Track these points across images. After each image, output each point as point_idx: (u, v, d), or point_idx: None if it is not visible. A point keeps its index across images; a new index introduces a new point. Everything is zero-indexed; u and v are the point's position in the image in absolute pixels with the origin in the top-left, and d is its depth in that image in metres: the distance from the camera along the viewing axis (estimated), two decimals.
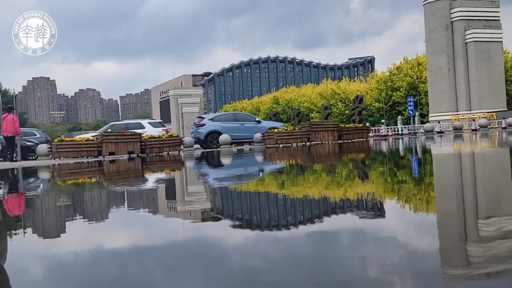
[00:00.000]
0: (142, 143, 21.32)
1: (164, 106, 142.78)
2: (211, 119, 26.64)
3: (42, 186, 8.84)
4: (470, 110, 53.32)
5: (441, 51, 54.67)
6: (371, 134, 33.18)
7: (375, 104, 66.80)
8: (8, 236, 3.58)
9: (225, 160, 14.23)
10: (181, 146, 23.00)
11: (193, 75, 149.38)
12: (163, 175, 9.80)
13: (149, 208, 4.93)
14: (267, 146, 24.29)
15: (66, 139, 21.17)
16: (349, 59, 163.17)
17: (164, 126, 27.34)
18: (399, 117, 55.11)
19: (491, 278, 2.01)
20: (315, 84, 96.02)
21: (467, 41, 53.89)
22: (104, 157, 20.11)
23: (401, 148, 15.62)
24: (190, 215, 4.19)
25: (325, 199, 4.69)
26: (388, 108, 65.46)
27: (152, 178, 9.24)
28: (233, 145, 25.87)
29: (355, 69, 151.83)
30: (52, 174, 11.93)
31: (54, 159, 19.83)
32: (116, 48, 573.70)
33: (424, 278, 1.99)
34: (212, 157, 16.40)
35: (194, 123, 28.27)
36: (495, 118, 46.09)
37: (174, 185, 7.68)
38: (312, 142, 24.33)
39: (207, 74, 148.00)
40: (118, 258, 2.68)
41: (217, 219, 3.80)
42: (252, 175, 8.55)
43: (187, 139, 24.34)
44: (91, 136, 22.59)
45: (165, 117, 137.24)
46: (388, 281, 2.01)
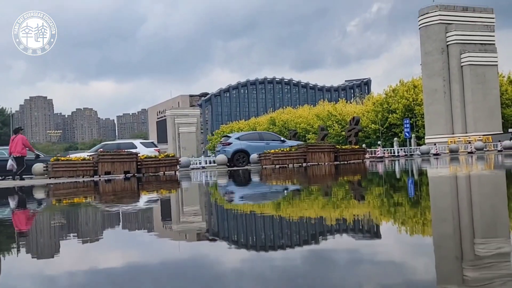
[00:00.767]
0: (138, 163, 21.26)
1: (161, 126, 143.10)
2: (237, 138, 26.86)
3: (34, 207, 8.79)
4: (466, 132, 53.54)
5: (437, 74, 55.10)
6: (367, 156, 33.20)
7: (371, 125, 67.02)
8: None
9: (255, 178, 14.21)
10: (178, 166, 22.95)
11: (190, 96, 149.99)
12: (160, 195, 9.77)
13: (152, 232, 4.90)
14: (264, 166, 24.27)
15: (62, 158, 21.10)
16: (346, 81, 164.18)
17: (156, 146, 27.24)
18: (395, 139, 55.26)
19: None
20: (311, 106, 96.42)
21: (462, 64, 54.37)
22: (100, 176, 20.04)
23: (397, 170, 15.63)
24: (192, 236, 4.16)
25: (321, 220, 4.68)
26: (384, 130, 65.68)
27: (149, 198, 9.20)
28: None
29: (352, 90, 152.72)
30: (47, 194, 11.86)
31: (50, 178, 19.74)
32: (114, 68, 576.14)
33: None
34: (242, 175, 16.36)
35: (220, 142, 28.45)
36: (491, 141, 46.24)
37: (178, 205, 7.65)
38: (309, 163, 24.32)
39: (204, 94, 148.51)
40: None
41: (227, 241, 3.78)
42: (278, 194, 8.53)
43: (183, 159, 24.32)
44: (87, 156, 22.53)
45: (162, 137, 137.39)
46: None
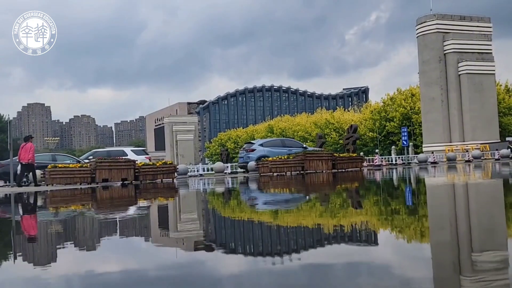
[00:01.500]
0: (136, 170, 21.23)
1: (159, 133, 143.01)
2: (261, 145, 27.17)
3: (30, 213, 8.76)
4: (464, 141, 53.62)
5: (434, 83, 55.26)
6: (365, 164, 33.19)
7: (369, 134, 67.10)
8: None
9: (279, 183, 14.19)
10: (175, 174, 22.92)
11: (188, 103, 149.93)
12: (157, 203, 9.74)
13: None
14: (261, 174, 24.25)
15: (60, 165, 21.06)
16: (344, 89, 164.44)
17: (147, 154, 26.99)
18: (393, 147, 55.29)
19: None
20: (309, 114, 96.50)
21: (460, 73, 54.56)
22: (97, 183, 20.00)
23: (395, 179, 15.63)
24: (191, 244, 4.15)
25: (318, 227, 4.67)
26: (382, 138, 65.76)
27: (145, 206, 9.18)
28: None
29: (350, 99, 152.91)
30: (44, 201, 11.83)
31: (47, 185, 19.70)
32: (112, 75, 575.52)
33: None
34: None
35: (243, 148, 28.61)
36: (488, 149, 46.33)
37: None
38: (306, 171, 24.31)
39: (202, 102, 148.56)
40: None
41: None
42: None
43: (181, 167, 24.28)
44: (84, 162, 22.48)
45: (160, 144, 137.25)
46: None
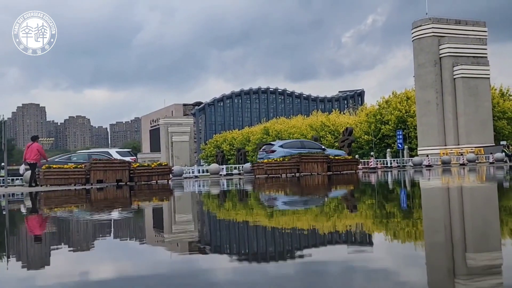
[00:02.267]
0: (131, 171, 21.18)
1: (154, 134, 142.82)
2: (281, 146, 27.34)
3: (20, 214, 8.71)
4: (458, 144, 53.80)
5: (429, 86, 55.44)
6: (360, 166, 33.24)
7: (364, 136, 67.22)
8: None
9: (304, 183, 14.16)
10: (170, 175, 22.88)
11: (184, 105, 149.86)
12: (152, 204, 9.72)
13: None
14: (257, 176, 24.25)
15: (54, 166, 20.98)
16: (339, 91, 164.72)
17: (133, 156, 26.41)
18: (388, 150, 55.41)
19: None
20: (305, 116, 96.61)
21: (455, 77, 54.76)
22: (92, 184, 19.94)
23: (390, 182, 15.65)
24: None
25: (313, 229, 4.66)
26: (377, 141, 65.89)
27: (140, 207, 9.15)
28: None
29: (345, 101, 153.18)
30: (38, 202, 11.78)
31: (41, 186, 19.62)
32: (108, 76, 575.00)
33: None
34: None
35: (263, 149, 28.75)
36: (483, 153, 46.49)
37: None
38: (302, 173, 24.31)
39: (198, 103, 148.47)
40: None
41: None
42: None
43: (176, 168, 24.24)
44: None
45: (155, 145, 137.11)
46: None
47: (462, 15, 54.43)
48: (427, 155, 44.44)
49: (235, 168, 37.55)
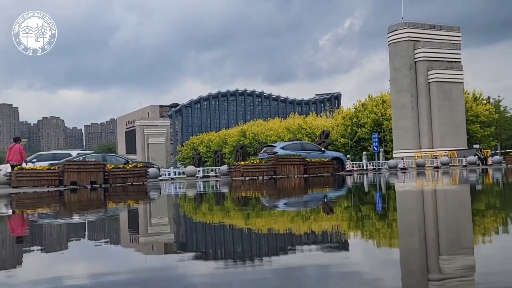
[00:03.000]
0: (106, 173, 20.89)
1: (130, 136, 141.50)
2: (282, 148, 27.67)
3: None
4: (433, 147, 54.56)
5: (405, 90, 56.11)
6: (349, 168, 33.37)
7: (340, 139, 67.72)
8: None
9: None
10: (146, 177, 22.65)
11: (161, 106, 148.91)
12: (126, 206, 9.59)
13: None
14: (233, 178, 24.17)
15: (27, 167, 20.58)
16: (316, 94, 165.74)
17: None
18: (364, 153, 55.88)
19: None
20: (282, 118, 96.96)
21: (429, 81, 55.55)
22: (65, 186, 19.62)
23: (365, 184, 15.76)
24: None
25: (290, 234, 4.64)
26: (354, 143, 66.44)
27: (113, 209, 9.02)
28: None
29: (322, 104, 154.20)
30: (10, 204, 11.53)
31: (13, 187, 19.23)
32: (83, 77, 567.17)
33: None
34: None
35: (264, 150, 29.02)
36: (456, 156, 47.21)
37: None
38: (278, 176, 24.33)
39: (175, 105, 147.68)
40: None
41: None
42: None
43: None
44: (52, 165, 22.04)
45: (131, 147, 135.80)
46: None
47: (437, 20, 55.31)
48: (402, 158, 44.92)
49: (212, 170, 37.43)
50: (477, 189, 11.59)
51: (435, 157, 45.44)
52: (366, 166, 42.25)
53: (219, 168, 32.32)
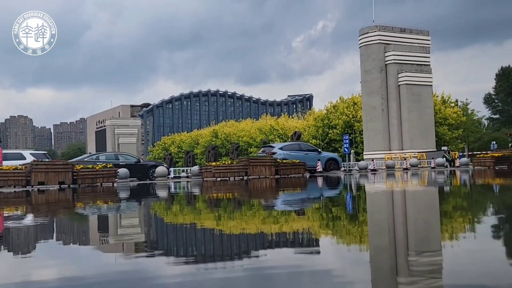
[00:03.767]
0: (74, 173, 20.56)
1: (100, 136, 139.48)
2: (281, 148, 28.25)
3: None
4: (402, 149, 55.32)
5: (375, 92, 56.75)
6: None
7: (312, 140, 68.12)
8: None
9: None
10: (116, 178, 22.36)
11: (132, 106, 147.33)
12: (94, 207, 9.43)
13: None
14: (204, 179, 24.06)
15: None
16: (289, 96, 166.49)
17: (49, 158, 25.81)
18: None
19: None
20: (254, 119, 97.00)
21: (399, 83, 56.31)
22: (32, 187, 19.24)
23: (336, 185, 15.88)
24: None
25: (248, 235, 4.61)
26: (325, 145, 66.94)
27: (80, 210, 8.86)
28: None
29: (294, 106, 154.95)
30: None
31: None
32: (53, 75, 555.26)
33: None
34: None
35: (262, 151, 29.50)
36: (425, 158, 47.98)
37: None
38: (250, 176, 24.33)
39: (146, 105, 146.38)
40: None
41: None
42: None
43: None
44: (19, 165, 21.55)
45: (101, 147, 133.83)
46: None
47: (408, 24, 56.15)
48: (373, 160, 45.45)
49: (183, 171, 37.17)
50: (445, 190, 11.79)
51: (405, 159, 46.09)
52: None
53: (190, 169, 32.12)
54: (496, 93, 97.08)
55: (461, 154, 58.38)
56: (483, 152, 48.68)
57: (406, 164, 39.60)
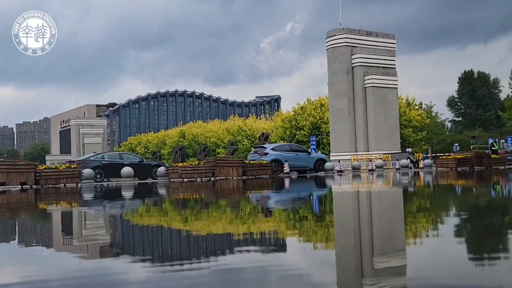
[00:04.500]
0: (37, 174, 20.09)
1: (65, 136, 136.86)
2: (272, 149, 28.60)
3: None
4: (368, 151, 56.03)
5: (342, 94, 57.32)
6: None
7: (279, 142, 68.36)
8: None
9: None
10: (80, 179, 21.95)
11: (97, 105, 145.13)
12: (54, 208, 9.22)
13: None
14: (171, 180, 23.85)
15: None
16: (257, 97, 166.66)
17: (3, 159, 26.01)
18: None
19: None
20: (222, 120, 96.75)
21: (366, 86, 57.03)
22: None
23: (302, 185, 15.95)
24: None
25: (212, 236, 4.58)
26: None
27: (42, 211, 8.64)
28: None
29: (262, 107, 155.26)
30: None
31: None
32: (16, 73, 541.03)
33: None
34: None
35: (254, 151, 29.76)
36: (390, 159, 48.71)
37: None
38: (217, 177, 24.24)
39: (112, 104, 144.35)
40: None
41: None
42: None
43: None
44: None
45: (65, 147, 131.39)
46: None
47: (375, 27, 57.08)
48: (339, 161, 45.91)
49: None
50: (409, 191, 11.99)
51: (370, 160, 46.71)
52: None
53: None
54: (459, 96, 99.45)
55: (425, 155, 59.54)
56: (446, 154, 49.79)
57: (372, 165, 40.15)
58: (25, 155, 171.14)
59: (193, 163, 26.25)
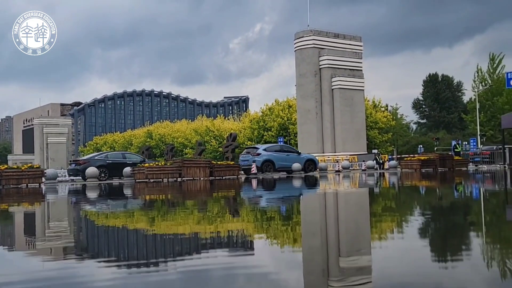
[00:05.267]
0: None
1: (27, 135, 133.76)
2: (265, 149, 29.11)
3: None
4: (335, 152, 56.58)
5: (310, 96, 57.72)
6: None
7: (247, 142, 68.35)
8: None
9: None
10: (43, 179, 21.47)
11: (62, 104, 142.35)
12: (17, 209, 8.99)
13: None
14: (137, 180, 23.56)
15: None
16: (225, 97, 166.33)
17: None
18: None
19: None
20: (190, 120, 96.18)
21: (333, 87, 57.59)
22: None
23: (269, 186, 15.99)
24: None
25: (187, 237, 4.53)
26: None
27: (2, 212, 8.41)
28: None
29: (230, 107, 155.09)
30: None
31: None
32: None
33: None
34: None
35: (247, 152, 30.12)
36: (357, 160, 49.29)
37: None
38: (184, 178, 24.06)
39: (78, 104, 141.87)
40: None
41: None
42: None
43: (50, 171, 22.80)
44: None
45: (28, 146, 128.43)
46: None
47: (343, 29, 57.52)
48: None
49: None
50: (374, 192, 12.14)
51: (337, 161, 47.16)
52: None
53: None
54: (423, 99, 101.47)
55: (390, 157, 60.44)
56: (411, 155, 50.63)
57: (339, 166, 40.55)
58: None
59: (159, 164, 25.99)
